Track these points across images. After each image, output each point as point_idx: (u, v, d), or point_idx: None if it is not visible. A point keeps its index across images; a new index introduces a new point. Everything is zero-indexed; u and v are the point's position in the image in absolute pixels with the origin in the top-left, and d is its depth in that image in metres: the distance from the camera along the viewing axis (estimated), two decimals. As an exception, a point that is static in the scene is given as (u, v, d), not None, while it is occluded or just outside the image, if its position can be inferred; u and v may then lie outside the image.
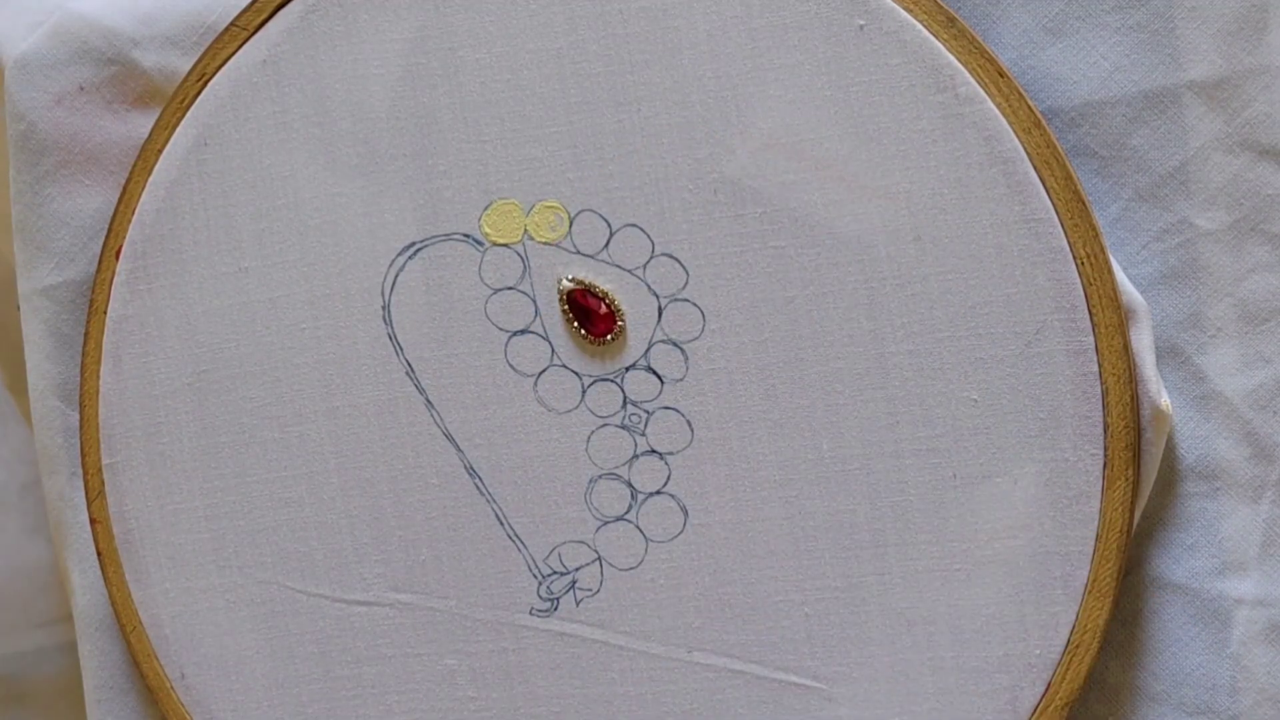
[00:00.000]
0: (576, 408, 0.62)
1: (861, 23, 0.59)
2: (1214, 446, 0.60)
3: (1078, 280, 0.58)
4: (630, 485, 0.62)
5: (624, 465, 0.62)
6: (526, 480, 0.63)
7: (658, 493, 0.62)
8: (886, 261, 0.59)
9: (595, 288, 0.62)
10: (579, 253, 0.62)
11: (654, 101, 0.61)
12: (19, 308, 0.68)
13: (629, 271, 0.61)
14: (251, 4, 0.64)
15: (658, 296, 0.61)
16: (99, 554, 0.66)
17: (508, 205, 0.62)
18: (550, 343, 0.62)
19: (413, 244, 0.63)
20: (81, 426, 0.66)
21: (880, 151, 0.59)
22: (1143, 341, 0.59)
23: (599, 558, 0.63)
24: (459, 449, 0.63)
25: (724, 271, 0.60)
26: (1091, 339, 0.58)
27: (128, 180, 0.65)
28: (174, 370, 0.65)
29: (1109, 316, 0.58)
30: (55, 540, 0.69)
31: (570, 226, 0.62)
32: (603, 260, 0.62)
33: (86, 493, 0.66)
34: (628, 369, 0.62)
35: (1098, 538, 0.59)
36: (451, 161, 0.62)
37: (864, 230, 0.59)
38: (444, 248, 0.63)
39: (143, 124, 0.66)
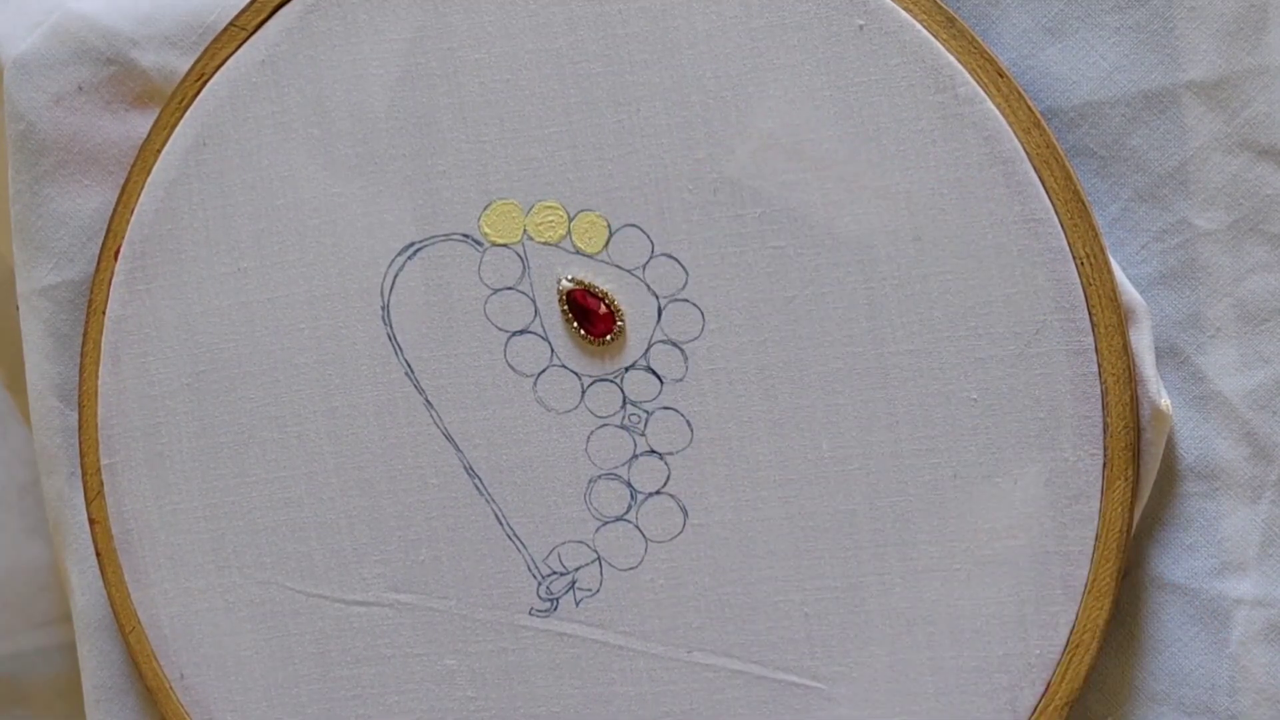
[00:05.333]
0: (576, 408, 0.62)
1: (861, 23, 0.59)
2: (1213, 446, 0.60)
3: (1077, 280, 0.58)
4: (630, 485, 0.62)
5: (623, 465, 0.62)
6: (526, 480, 0.63)
7: (657, 493, 0.62)
8: (886, 261, 0.59)
9: (595, 288, 0.62)
10: (578, 253, 0.62)
11: (653, 101, 0.61)
12: (18, 308, 0.68)
13: (629, 271, 0.61)
14: (250, 4, 0.63)
15: (657, 296, 0.61)
16: (98, 554, 0.66)
17: (507, 205, 0.62)
18: (550, 343, 0.62)
19: (412, 244, 0.63)
20: (80, 427, 0.66)
21: (880, 151, 0.59)
22: (1142, 341, 0.59)
23: (599, 558, 0.63)
24: (458, 449, 0.63)
25: (724, 271, 0.60)
26: (1091, 339, 0.58)
27: (126, 180, 0.65)
28: (173, 370, 0.65)
29: (1109, 316, 0.58)
30: (54, 541, 0.69)
31: (570, 227, 0.62)
32: (602, 260, 0.62)
33: (85, 493, 0.66)
34: (627, 369, 0.62)
35: (1097, 538, 0.59)
36: (451, 161, 0.62)
37: (864, 230, 0.59)
38: (443, 248, 0.63)
39: (141, 124, 0.66)
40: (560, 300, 0.62)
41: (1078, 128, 0.60)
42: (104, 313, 0.65)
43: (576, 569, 0.63)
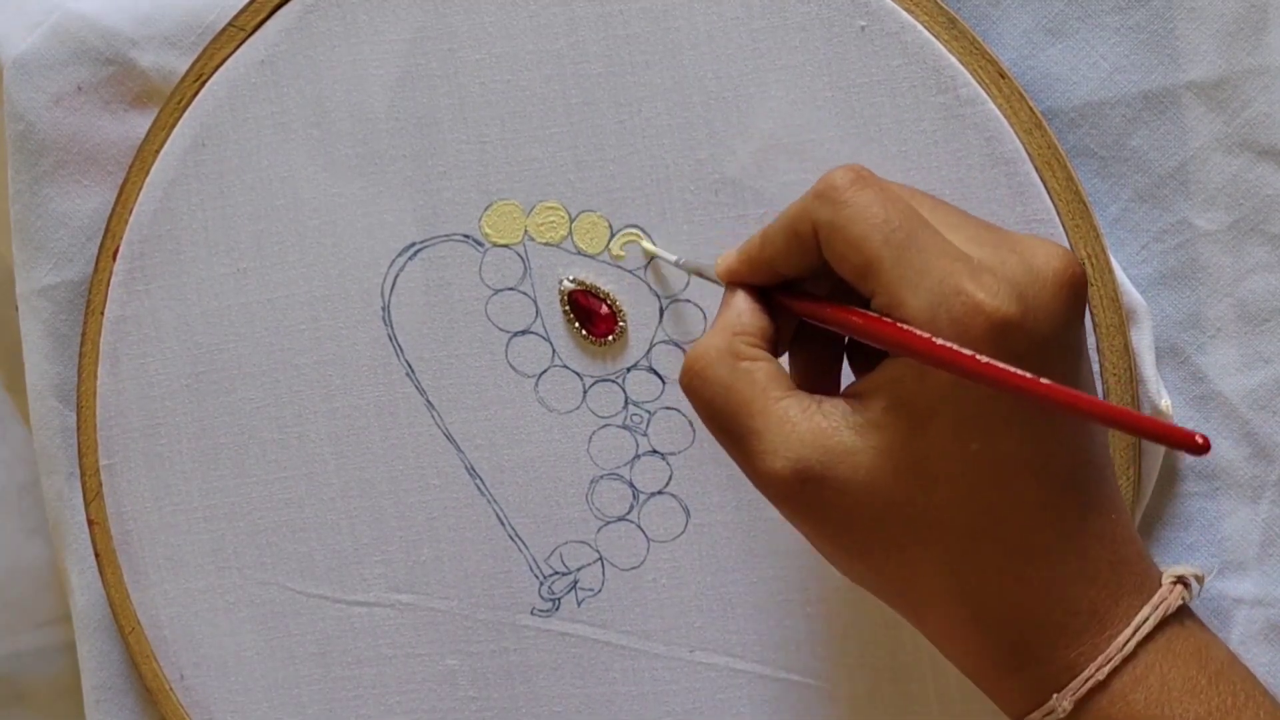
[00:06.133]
0: (578, 408, 0.62)
1: (863, 24, 0.59)
2: (1214, 446, 0.60)
3: (1078, 280, 0.58)
4: (632, 485, 0.62)
5: (625, 465, 0.62)
6: (528, 481, 0.63)
7: (659, 493, 0.62)
8: (887, 262, 0.59)
9: (596, 288, 0.62)
10: (580, 253, 0.62)
11: (655, 102, 0.61)
12: (17, 308, 0.68)
13: (630, 272, 0.61)
14: (249, 4, 0.63)
15: (659, 297, 0.61)
16: (97, 555, 0.66)
17: (508, 206, 0.62)
18: (551, 343, 0.62)
19: (413, 245, 0.63)
20: (79, 428, 0.66)
21: (881, 152, 0.59)
22: (1143, 341, 0.59)
23: (600, 558, 0.63)
24: (460, 449, 0.63)
25: (725, 272, 0.60)
26: (1092, 339, 0.58)
27: (125, 180, 0.65)
28: (172, 371, 0.65)
29: (1109, 316, 0.58)
30: (54, 541, 0.69)
31: (571, 227, 0.62)
32: (604, 261, 0.62)
33: (84, 494, 0.66)
34: (629, 369, 0.62)
35: (1099, 537, 0.59)
36: (451, 162, 0.62)
37: (865, 231, 0.59)
38: (444, 248, 0.63)
39: (141, 124, 0.66)
40: (562, 301, 0.62)
41: (1078, 128, 0.60)
42: (103, 313, 0.65)
43: (578, 569, 0.63)
